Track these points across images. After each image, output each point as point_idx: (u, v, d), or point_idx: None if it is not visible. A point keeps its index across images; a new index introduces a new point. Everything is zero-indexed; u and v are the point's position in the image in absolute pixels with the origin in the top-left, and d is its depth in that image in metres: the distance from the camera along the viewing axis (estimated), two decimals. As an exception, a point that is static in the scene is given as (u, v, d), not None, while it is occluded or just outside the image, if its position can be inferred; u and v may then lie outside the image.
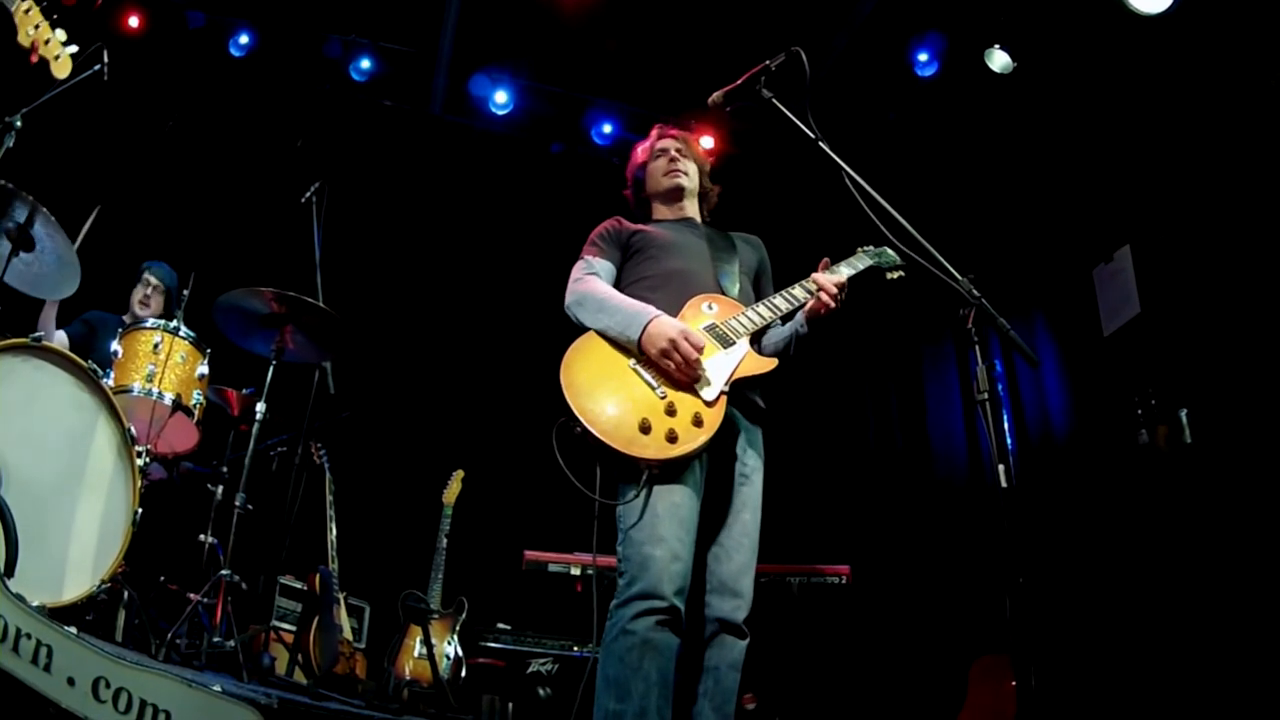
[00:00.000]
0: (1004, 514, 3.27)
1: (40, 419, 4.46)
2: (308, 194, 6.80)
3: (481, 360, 9.41)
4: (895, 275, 4.40)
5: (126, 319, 6.63)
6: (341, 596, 7.16)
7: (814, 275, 4.06)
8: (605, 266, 4.22)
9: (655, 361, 3.74)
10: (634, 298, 4.01)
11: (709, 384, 3.74)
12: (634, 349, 3.81)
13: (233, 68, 8.97)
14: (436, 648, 6.89)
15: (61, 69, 4.26)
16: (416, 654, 6.90)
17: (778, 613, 6.45)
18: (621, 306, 3.92)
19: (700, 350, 3.73)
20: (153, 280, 6.75)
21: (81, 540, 4.48)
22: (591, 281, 4.09)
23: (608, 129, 9.65)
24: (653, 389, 3.70)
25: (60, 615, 4.04)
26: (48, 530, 4.34)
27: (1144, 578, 5.89)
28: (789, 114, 3.84)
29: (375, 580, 8.00)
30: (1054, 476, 6.91)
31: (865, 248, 4.39)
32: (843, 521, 8.58)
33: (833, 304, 3.96)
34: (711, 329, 3.91)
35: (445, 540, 7.58)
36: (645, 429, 3.57)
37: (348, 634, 7.13)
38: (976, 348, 3.47)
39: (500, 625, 6.75)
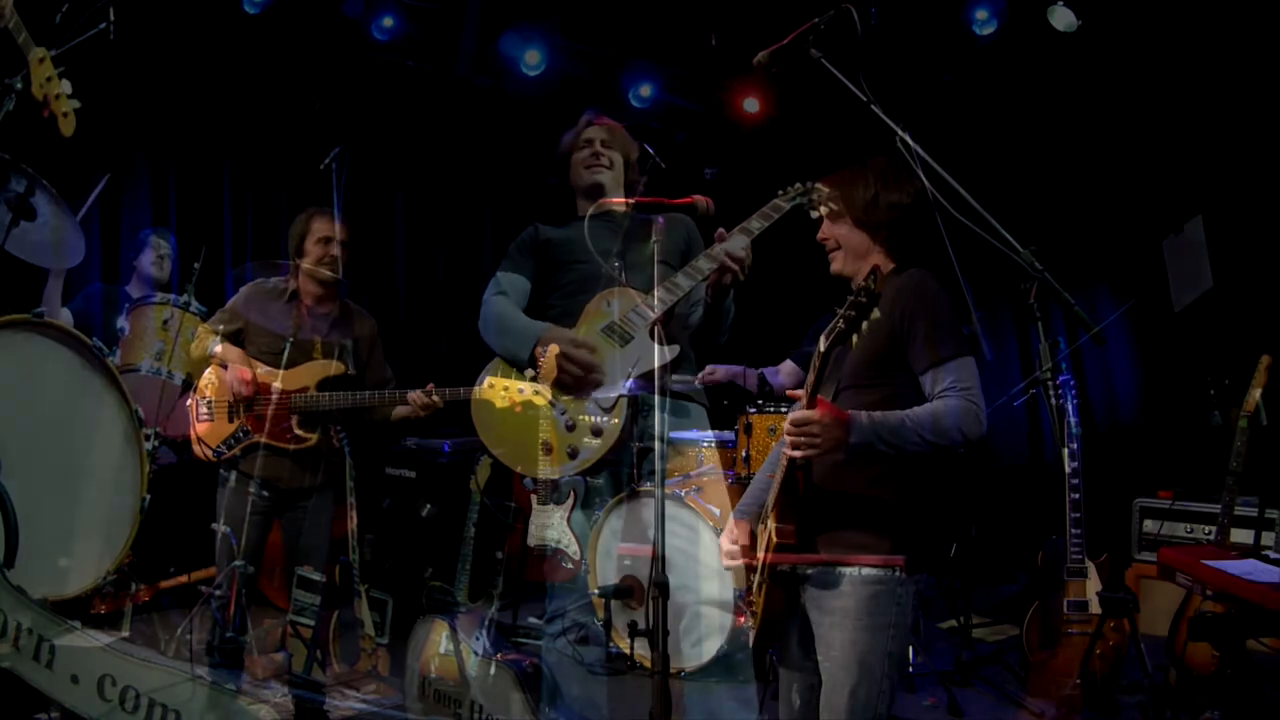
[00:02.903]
0: (1068, 498, 3.25)
1: (42, 400, 4.46)
2: (327, 160, 6.78)
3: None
4: (822, 211, 4.36)
5: (132, 290, 6.61)
6: (363, 589, 7.17)
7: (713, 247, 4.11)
8: (514, 281, 4.42)
9: (554, 377, 3.94)
10: (546, 305, 4.30)
11: (607, 388, 3.93)
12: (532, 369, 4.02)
13: (247, 25, 8.86)
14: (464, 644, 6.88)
15: (68, 127, 4.28)
16: (442, 650, 6.90)
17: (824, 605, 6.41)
18: (514, 329, 4.15)
19: (592, 353, 3.92)
20: (163, 246, 6.74)
21: (86, 529, 4.49)
22: (492, 304, 4.32)
23: (646, 91, 9.56)
24: (553, 406, 3.93)
25: (64, 609, 4.05)
26: (50, 519, 4.34)
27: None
28: (840, 75, 3.82)
29: (399, 572, 8.00)
30: (1121, 459, 6.86)
31: (784, 190, 4.35)
32: (896, 508, 8.53)
33: (736, 272, 4.04)
34: (609, 329, 4.04)
35: (473, 529, 7.57)
36: (548, 450, 3.87)
37: (369, 629, 7.15)
38: (1039, 324, 3.46)
39: (531, 619, 6.74)
